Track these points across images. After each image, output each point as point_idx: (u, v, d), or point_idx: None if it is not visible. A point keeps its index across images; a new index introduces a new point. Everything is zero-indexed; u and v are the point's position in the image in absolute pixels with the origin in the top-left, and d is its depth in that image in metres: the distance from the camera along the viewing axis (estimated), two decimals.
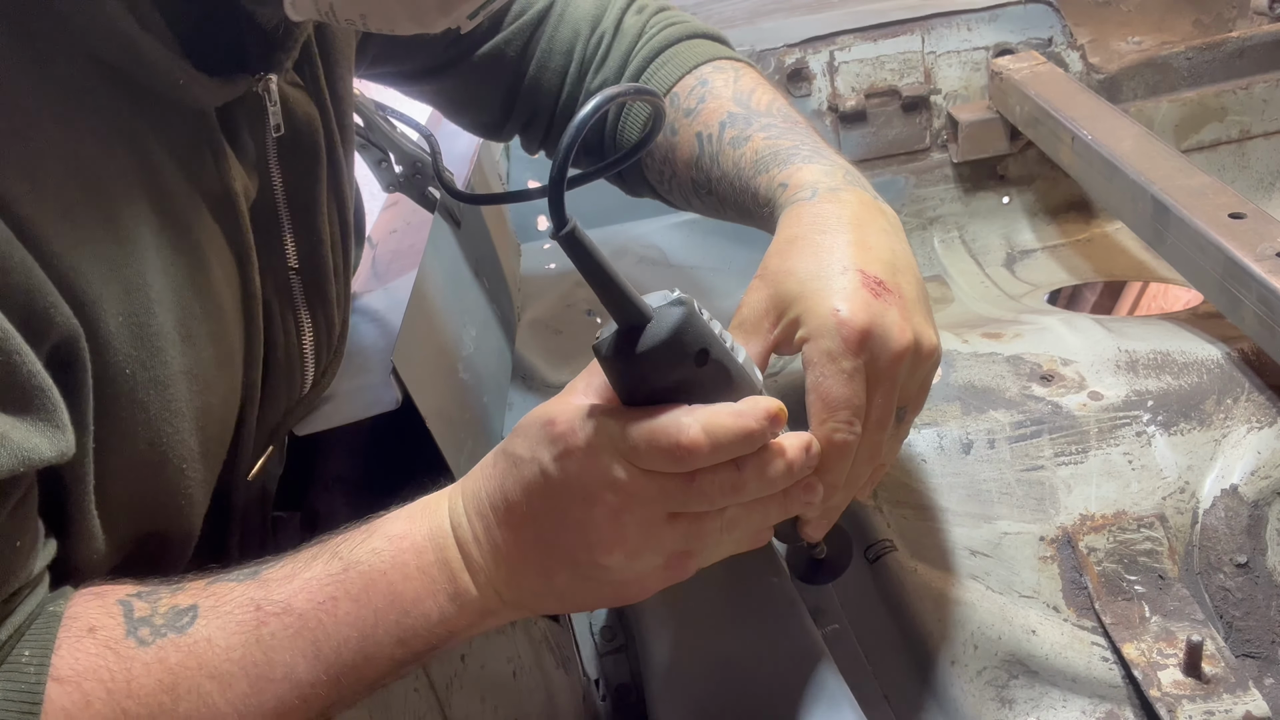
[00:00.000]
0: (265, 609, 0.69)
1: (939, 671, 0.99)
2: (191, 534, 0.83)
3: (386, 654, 0.70)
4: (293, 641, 0.68)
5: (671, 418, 0.65)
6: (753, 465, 0.68)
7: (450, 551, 0.72)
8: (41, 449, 0.65)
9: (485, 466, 0.73)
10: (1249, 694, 0.94)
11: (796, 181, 0.93)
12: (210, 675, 0.67)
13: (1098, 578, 1.05)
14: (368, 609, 0.70)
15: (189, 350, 0.77)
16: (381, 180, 1.36)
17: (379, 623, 0.70)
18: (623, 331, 0.67)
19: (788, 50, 1.80)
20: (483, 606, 0.72)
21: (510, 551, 0.70)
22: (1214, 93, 1.75)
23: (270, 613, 0.69)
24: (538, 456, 0.68)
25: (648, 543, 0.68)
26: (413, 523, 0.73)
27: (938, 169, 1.79)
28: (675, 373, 0.66)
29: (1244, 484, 1.08)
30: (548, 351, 1.56)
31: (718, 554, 0.73)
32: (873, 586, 1.05)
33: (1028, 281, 1.70)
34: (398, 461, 1.16)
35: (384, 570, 0.70)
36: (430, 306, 1.23)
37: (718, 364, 0.68)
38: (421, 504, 0.75)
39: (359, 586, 0.70)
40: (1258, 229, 1.16)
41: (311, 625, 0.69)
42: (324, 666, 0.69)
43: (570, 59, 1.13)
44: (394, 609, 0.70)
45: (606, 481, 0.66)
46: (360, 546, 0.72)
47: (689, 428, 0.65)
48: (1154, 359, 1.18)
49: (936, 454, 1.13)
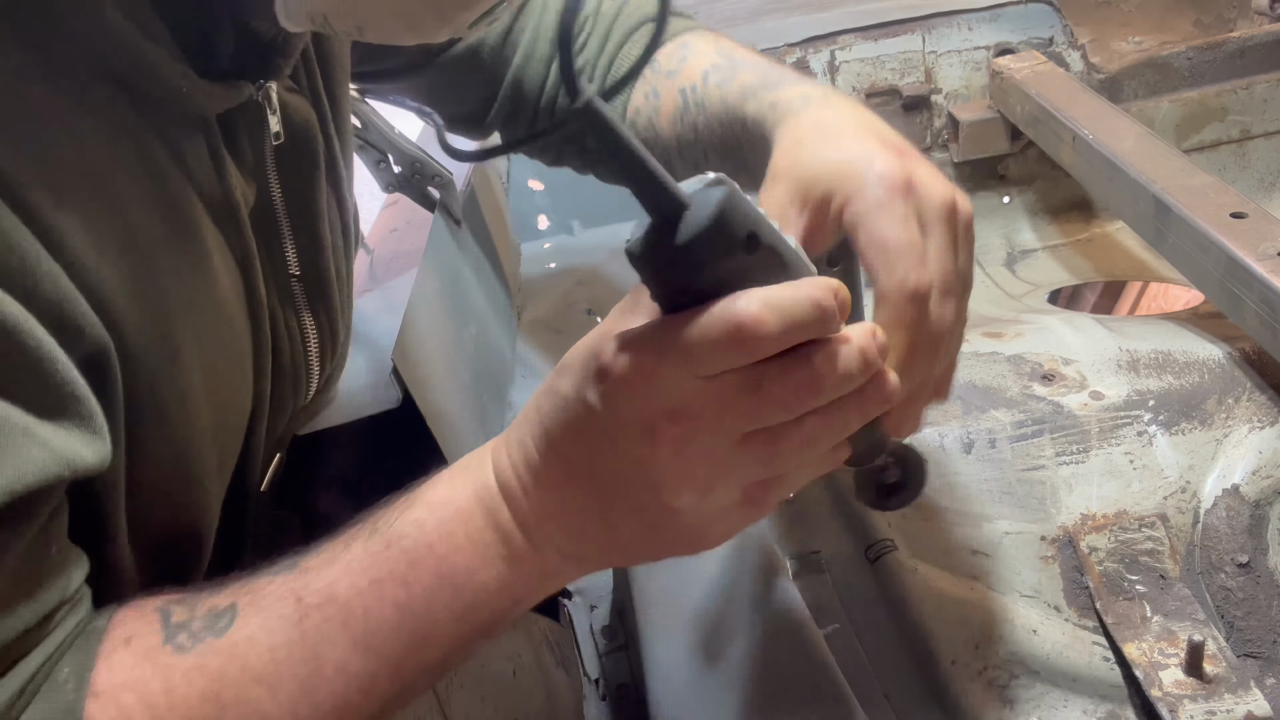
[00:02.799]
0: (306, 600, 0.64)
1: (940, 671, 0.99)
2: (206, 551, 0.80)
3: (447, 633, 0.65)
4: (339, 633, 0.63)
5: (725, 304, 0.56)
6: (823, 355, 0.58)
7: (500, 514, 0.65)
8: (84, 455, 0.62)
9: (530, 411, 0.66)
10: (1250, 694, 0.94)
11: (787, 98, 0.88)
12: (256, 679, 0.62)
13: (1099, 577, 1.05)
14: (417, 589, 0.64)
15: (205, 361, 0.75)
16: (380, 180, 1.36)
17: (432, 602, 0.64)
18: (657, 225, 0.56)
19: (788, 50, 1.80)
20: (543, 568, 0.65)
21: (567, 504, 0.63)
22: (1215, 93, 1.75)
23: (311, 604, 0.64)
24: (583, 394, 0.60)
25: (720, 474, 0.60)
26: (455, 485, 0.67)
27: (938, 169, 1.79)
28: (723, 264, 0.56)
29: (1245, 484, 1.08)
30: (548, 351, 1.55)
31: (799, 480, 0.64)
32: (873, 586, 1.04)
33: (1028, 281, 1.70)
34: (398, 461, 1.16)
35: (430, 543, 0.65)
36: (430, 306, 1.23)
37: (770, 249, 0.58)
38: (463, 462, 0.69)
39: (404, 565, 0.64)
40: (1259, 228, 1.16)
41: (358, 613, 0.64)
42: (378, 656, 0.63)
43: (556, 49, 1.13)
44: (447, 586, 0.64)
45: (664, 408, 0.58)
46: (402, 519, 0.66)
47: (747, 305, 0.56)
48: (1155, 358, 1.18)
49: (937, 454, 1.13)
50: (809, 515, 1.12)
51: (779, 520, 1.11)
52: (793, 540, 1.09)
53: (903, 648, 1.01)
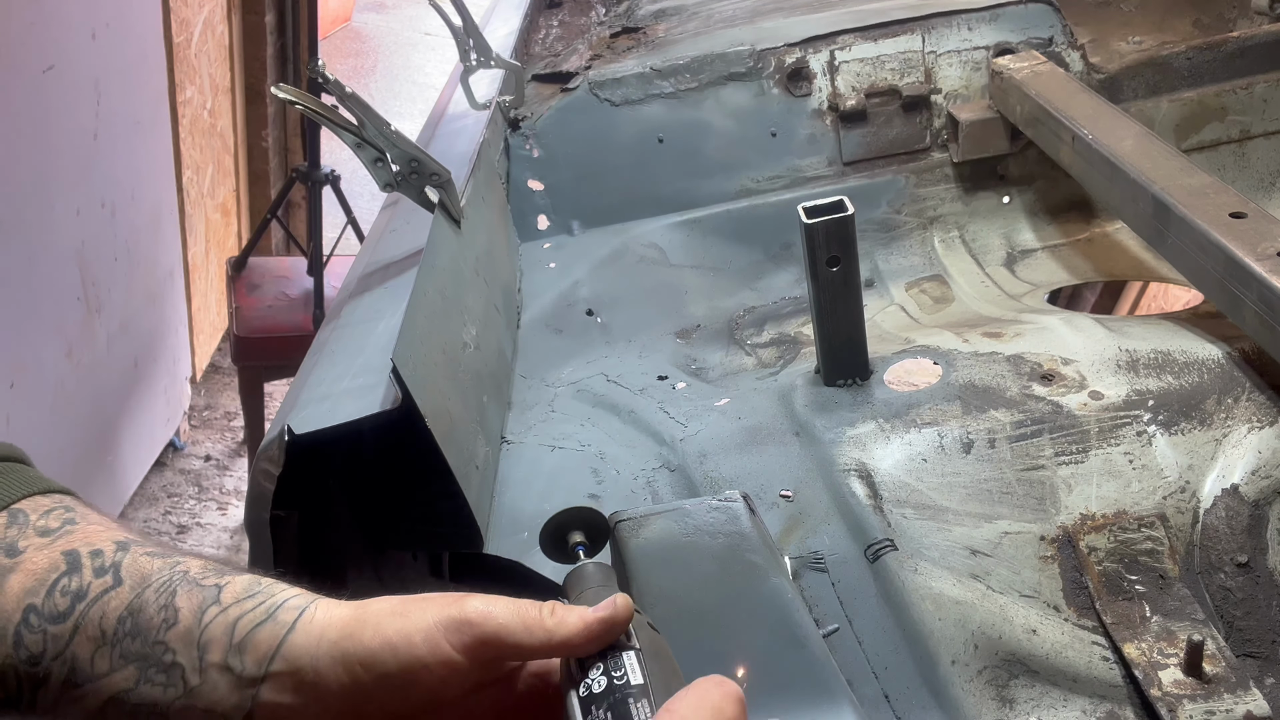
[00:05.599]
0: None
1: (939, 671, 0.99)
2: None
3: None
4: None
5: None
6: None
7: None
8: None
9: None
10: (1250, 693, 0.94)
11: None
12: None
13: (1098, 577, 1.05)
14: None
15: None
16: (379, 179, 1.36)
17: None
18: None
19: (788, 50, 1.80)
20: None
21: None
22: (1214, 92, 1.75)
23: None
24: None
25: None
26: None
27: (938, 169, 1.79)
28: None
29: (1245, 483, 1.08)
30: (548, 351, 1.55)
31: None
32: (873, 586, 1.04)
33: (1028, 281, 1.70)
34: (398, 461, 1.16)
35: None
36: (430, 306, 1.23)
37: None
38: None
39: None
40: (1258, 228, 1.16)
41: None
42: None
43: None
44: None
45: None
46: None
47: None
48: (1155, 359, 1.18)
49: (936, 454, 1.13)
50: (809, 515, 1.12)
51: (779, 520, 1.11)
52: (793, 540, 1.09)
53: (903, 648, 1.01)
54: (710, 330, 1.60)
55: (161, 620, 0.69)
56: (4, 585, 0.69)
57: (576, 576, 0.77)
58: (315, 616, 0.69)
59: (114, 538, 0.73)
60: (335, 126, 1.25)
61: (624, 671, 0.65)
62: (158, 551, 0.72)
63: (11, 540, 0.71)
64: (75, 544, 0.71)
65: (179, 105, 3.43)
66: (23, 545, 0.71)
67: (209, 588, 0.70)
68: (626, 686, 0.64)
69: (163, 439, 3.57)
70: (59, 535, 0.72)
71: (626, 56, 1.92)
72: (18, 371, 2.61)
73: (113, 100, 2.97)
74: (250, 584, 0.71)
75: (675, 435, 1.27)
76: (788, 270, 1.71)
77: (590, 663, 0.67)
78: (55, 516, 0.73)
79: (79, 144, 2.85)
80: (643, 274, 1.71)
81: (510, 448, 1.31)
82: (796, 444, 1.20)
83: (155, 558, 0.72)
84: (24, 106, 2.56)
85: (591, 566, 0.78)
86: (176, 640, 0.68)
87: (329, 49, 6.84)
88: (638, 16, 2.14)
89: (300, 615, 0.69)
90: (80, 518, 0.74)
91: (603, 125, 1.80)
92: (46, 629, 0.69)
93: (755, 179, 1.80)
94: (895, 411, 1.19)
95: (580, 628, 0.67)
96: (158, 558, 0.72)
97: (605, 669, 0.66)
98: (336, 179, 3.39)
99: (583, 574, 0.77)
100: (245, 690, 0.68)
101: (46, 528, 0.72)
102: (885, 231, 1.76)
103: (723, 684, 0.62)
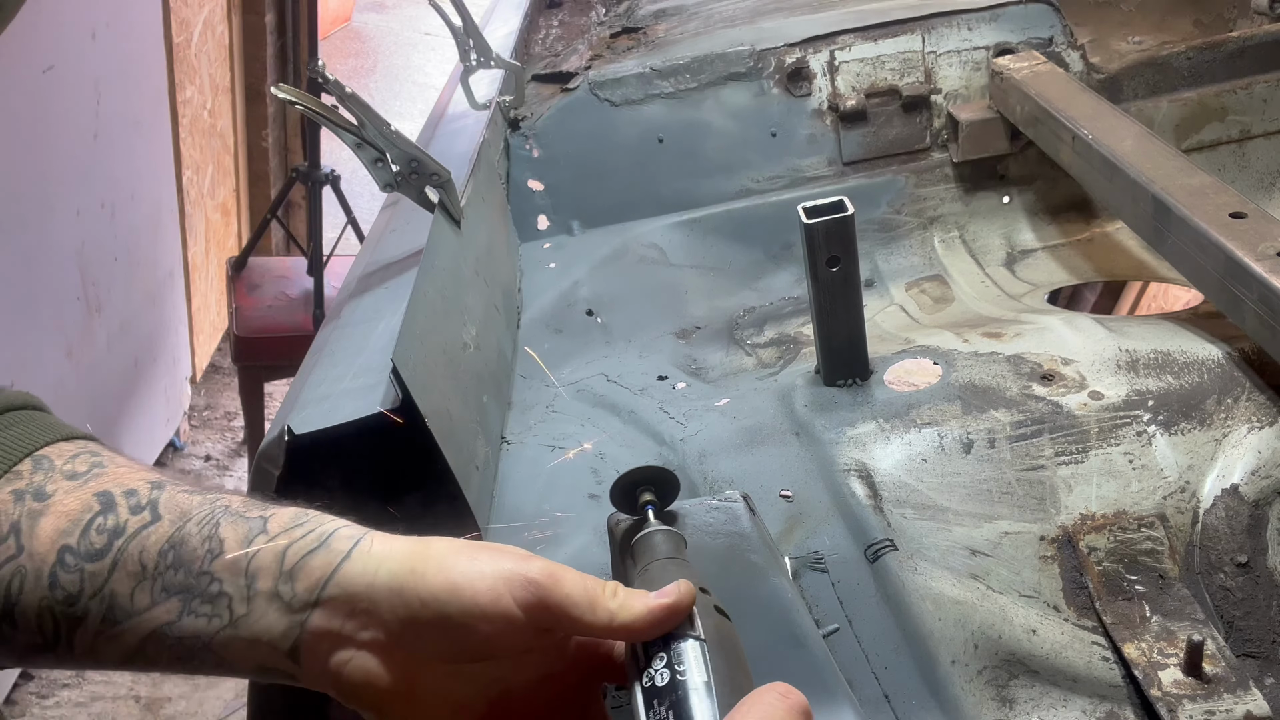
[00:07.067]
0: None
1: (939, 671, 0.99)
2: None
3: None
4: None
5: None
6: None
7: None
8: None
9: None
10: (1250, 694, 0.94)
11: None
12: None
13: (1098, 577, 1.05)
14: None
15: None
16: (379, 179, 1.36)
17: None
18: None
19: (788, 50, 1.80)
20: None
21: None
22: (1214, 92, 1.75)
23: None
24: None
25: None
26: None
27: (938, 169, 1.79)
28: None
29: (1245, 484, 1.08)
30: (548, 351, 1.55)
31: None
32: (873, 586, 1.04)
33: (1028, 281, 1.70)
34: (398, 461, 1.16)
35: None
36: (430, 306, 1.23)
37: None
38: None
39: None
40: (1258, 229, 1.16)
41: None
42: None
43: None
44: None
45: None
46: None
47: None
48: (1154, 359, 1.18)
49: (936, 454, 1.13)
50: (809, 515, 1.12)
51: (779, 520, 1.11)
52: (793, 540, 1.09)
53: (902, 648, 1.01)
54: (710, 330, 1.60)
55: (206, 551, 0.68)
56: (35, 529, 0.68)
57: (645, 544, 0.77)
58: (373, 548, 0.68)
59: (147, 477, 0.72)
60: (335, 126, 1.26)
61: (687, 666, 0.64)
62: (194, 489, 0.72)
63: (39, 485, 0.70)
64: (107, 485, 0.71)
65: (179, 105, 3.44)
66: (51, 489, 0.70)
67: (254, 519, 0.70)
68: (690, 684, 0.63)
69: (163, 439, 3.57)
70: (88, 478, 0.71)
71: (626, 56, 1.92)
72: (18, 371, 2.61)
73: (113, 100, 2.97)
74: (297, 514, 0.71)
75: (675, 435, 1.27)
76: (788, 270, 1.71)
77: (654, 650, 0.65)
78: (82, 461, 0.72)
79: (79, 144, 2.85)
80: (643, 274, 1.71)
81: (510, 448, 1.32)
82: (796, 444, 1.20)
83: (193, 494, 0.71)
84: (24, 106, 2.56)
85: (660, 535, 0.77)
86: (223, 570, 0.68)
87: (329, 49, 6.84)
88: (638, 16, 2.14)
89: (356, 545, 0.68)
90: (108, 461, 0.73)
91: (603, 125, 1.80)
92: (84, 567, 0.68)
93: (755, 179, 1.80)
94: (895, 411, 1.19)
95: (643, 613, 0.66)
96: (196, 494, 0.71)
97: (669, 660, 0.64)
98: (336, 179, 3.40)
99: (651, 542, 0.77)
100: (295, 616, 0.67)
101: (74, 471, 0.71)
102: (885, 231, 1.76)
103: (788, 695, 0.61)
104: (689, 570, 0.73)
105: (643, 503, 0.82)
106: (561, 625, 0.66)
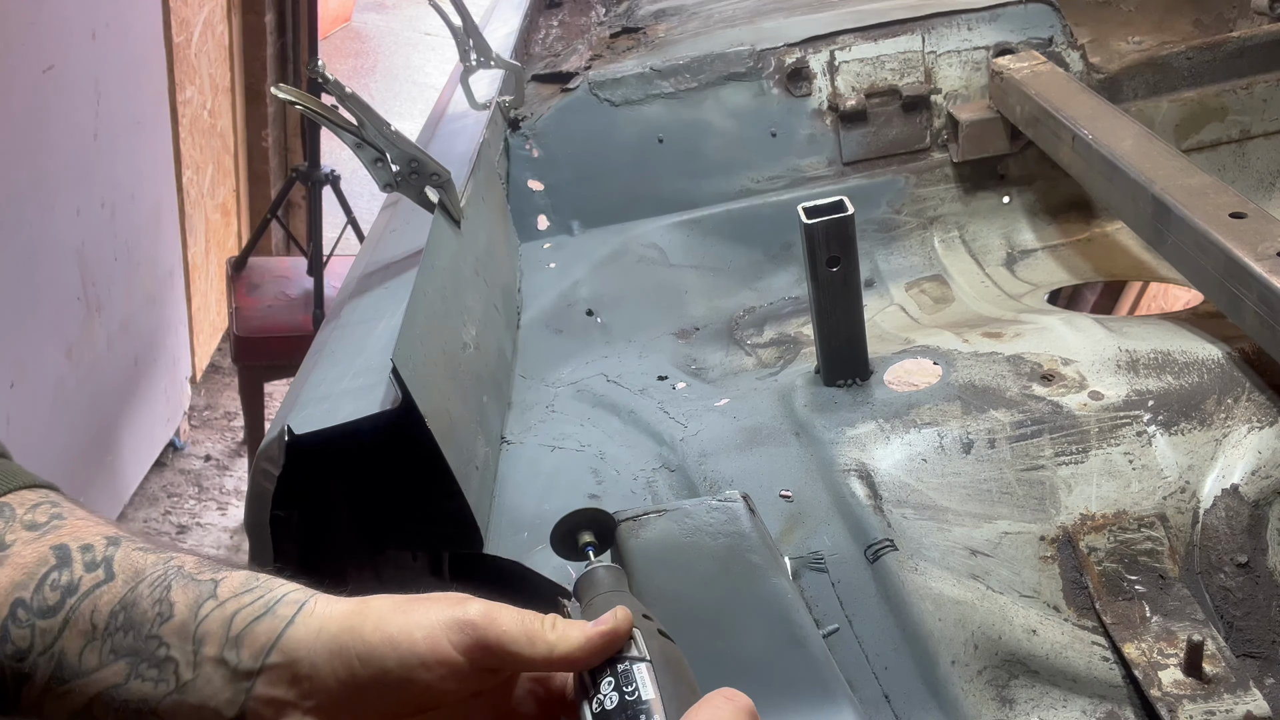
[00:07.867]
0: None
1: (939, 671, 0.99)
2: None
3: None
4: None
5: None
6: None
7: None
8: None
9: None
10: (1250, 694, 0.94)
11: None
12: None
13: (1098, 577, 1.05)
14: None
15: None
16: (378, 179, 1.36)
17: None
18: None
19: (788, 50, 1.80)
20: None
21: None
22: (1214, 92, 1.75)
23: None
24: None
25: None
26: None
27: (938, 169, 1.79)
28: None
29: (1245, 484, 1.08)
30: (548, 351, 1.55)
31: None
32: (873, 586, 1.04)
33: (1028, 281, 1.70)
34: (398, 461, 1.16)
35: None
36: (430, 306, 1.23)
37: None
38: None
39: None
40: (1258, 229, 1.16)
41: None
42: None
43: None
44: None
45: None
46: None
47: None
48: (1154, 359, 1.18)
49: (936, 454, 1.13)
50: (809, 515, 1.12)
51: (779, 520, 1.11)
52: (793, 540, 1.09)
53: (903, 648, 1.01)
54: (710, 330, 1.60)
55: (156, 614, 0.68)
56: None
57: (588, 581, 0.78)
58: (315, 610, 0.68)
59: (103, 533, 0.71)
60: (335, 126, 1.26)
61: (635, 686, 0.65)
62: (150, 547, 0.71)
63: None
64: (64, 539, 0.70)
65: (179, 105, 3.44)
66: (10, 539, 0.69)
67: (205, 582, 0.69)
68: (639, 703, 0.64)
69: (163, 439, 3.57)
70: (47, 530, 0.70)
71: (626, 56, 1.92)
72: (18, 371, 2.61)
73: (113, 100, 2.97)
74: (248, 579, 0.70)
75: (675, 435, 1.27)
76: (788, 270, 1.71)
77: (600, 676, 0.66)
78: (42, 511, 0.72)
79: (79, 144, 2.85)
80: (643, 274, 1.71)
81: (510, 448, 1.32)
82: (796, 444, 1.20)
83: (148, 553, 0.71)
84: (24, 106, 2.56)
85: (602, 570, 0.78)
86: (171, 634, 0.67)
87: (329, 49, 6.84)
88: (638, 16, 2.14)
89: (300, 609, 0.68)
90: (67, 513, 0.72)
91: (603, 125, 1.80)
92: (35, 623, 0.67)
93: (755, 179, 1.80)
94: (895, 412, 1.19)
95: (582, 641, 0.67)
96: (150, 553, 0.71)
97: (617, 684, 0.66)
98: (336, 179, 3.40)
99: (593, 579, 0.77)
100: (240, 684, 0.67)
101: (34, 522, 0.71)
102: (885, 231, 1.76)
103: (733, 698, 0.62)
104: (629, 599, 0.74)
105: (583, 544, 0.84)
106: (503, 663, 0.67)
